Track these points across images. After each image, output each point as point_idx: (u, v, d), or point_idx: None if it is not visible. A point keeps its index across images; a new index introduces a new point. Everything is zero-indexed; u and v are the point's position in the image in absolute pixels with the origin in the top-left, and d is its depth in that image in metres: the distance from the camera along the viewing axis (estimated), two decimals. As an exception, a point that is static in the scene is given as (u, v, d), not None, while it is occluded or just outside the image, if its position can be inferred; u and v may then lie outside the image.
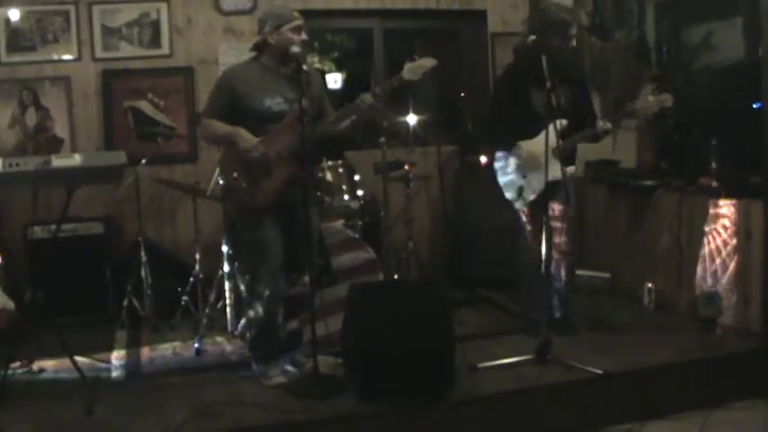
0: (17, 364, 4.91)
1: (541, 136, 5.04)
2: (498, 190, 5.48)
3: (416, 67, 4.63)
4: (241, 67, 4.82)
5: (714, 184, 5.58)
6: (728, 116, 5.56)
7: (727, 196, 5.39)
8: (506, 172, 5.45)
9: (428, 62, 4.65)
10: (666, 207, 5.93)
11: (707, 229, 5.52)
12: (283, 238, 4.71)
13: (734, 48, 6.37)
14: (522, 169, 5.33)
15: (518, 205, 5.39)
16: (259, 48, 4.78)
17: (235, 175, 4.66)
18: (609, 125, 5.14)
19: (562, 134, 5.00)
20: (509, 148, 5.39)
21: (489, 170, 5.60)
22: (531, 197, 5.29)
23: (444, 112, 7.28)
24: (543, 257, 5.00)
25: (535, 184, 5.23)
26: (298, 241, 4.72)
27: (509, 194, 5.43)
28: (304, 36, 4.70)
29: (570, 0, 6.99)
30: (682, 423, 4.49)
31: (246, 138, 4.59)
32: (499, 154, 5.50)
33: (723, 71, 6.27)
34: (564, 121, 5.08)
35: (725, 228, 5.38)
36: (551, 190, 5.08)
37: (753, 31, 6.16)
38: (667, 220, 5.90)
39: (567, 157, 5.10)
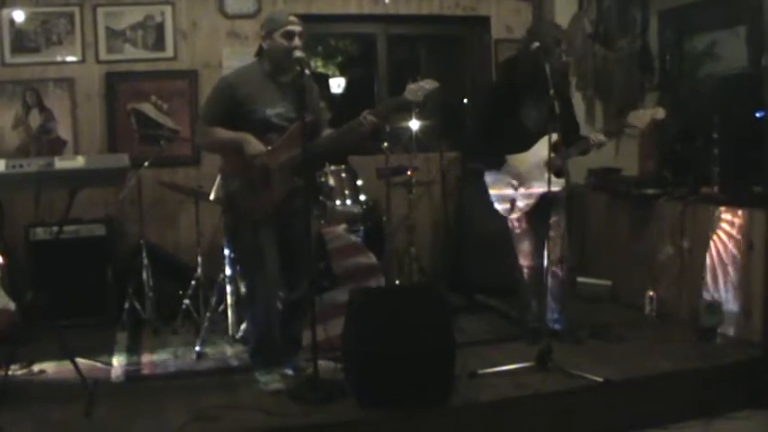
0: (17, 366, 4.92)
1: (532, 150, 5.23)
2: (490, 201, 5.53)
3: (418, 89, 4.61)
4: (241, 73, 4.78)
5: (716, 193, 5.58)
6: (731, 125, 5.55)
7: (730, 205, 5.39)
8: (497, 185, 5.49)
9: (430, 84, 4.63)
10: (669, 216, 5.92)
11: (708, 238, 5.52)
12: (279, 245, 4.71)
13: (737, 57, 6.37)
14: (513, 183, 5.38)
15: (512, 216, 5.42)
16: (259, 54, 4.77)
17: (237, 182, 4.65)
18: (602, 137, 5.20)
19: (554, 147, 5.07)
20: (500, 165, 5.42)
21: (482, 182, 5.62)
22: (522, 209, 5.36)
23: (447, 118, 7.29)
24: (544, 266, 5.03)
25: (528, 197, 5.32)
26: (294, 248, 4.72)
27: (501, 207, 5.47)
28: (297, 42, 4.60)
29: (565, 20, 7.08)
30: (682, 432, 4.51)
31: (254, 144, 4.56)
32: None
33: (726, 80, 6.27)
34: (556, 135, 5.10)
35: (727, 237, 5.38)
36: (546, 201, 5.18)
37: (756, 40, 6.17)
38: (669, 229, 5.89)
39: (560, 170, 5.17)
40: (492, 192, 5.52)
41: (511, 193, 5.40)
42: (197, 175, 6.74)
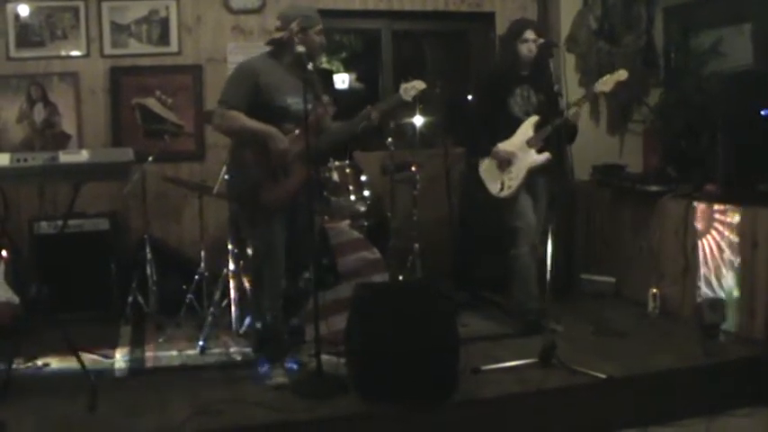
0: (21, 360, 4.93)
1: (515, 134, 5.60)
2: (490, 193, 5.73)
3: (410, 88, 4.89)
4: (261, 61, 4.77)
5: (721, 190, 5.57)
6: (736, 122, 5.54)
7: (734, 203, 5.38)
8: (488, 170, 5.72)
9: (419, 84, 4.92)
10: (673, 213, 5.92)
11: (712, 235, 5.52)
12: (287, 237, 4.72)
13: (742, 54, 6.36)
14: (502, 165, 5.63)
15: (502, 195, 5.63)
16: (279, 45, 4.75)
17: (258, 171, 4.64)
18: (575, 109, 5.46)
19: (537, 128, 5.56)
20: (487, 153, 5.68)
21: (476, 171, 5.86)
22: (513, 188, 5.58)
23: (451, 113, 7.28)
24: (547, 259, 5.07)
25: (515, 175, 5.58)
26: (299, 240, 4.74)
27: (492, 188, 5.68)
28: (324, 40, 4.77)
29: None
30: (684, 429, 4.48)
31: (281, 138, 4.57)
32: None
33: (731, 77, 6.26)
34: (536, 117, 5.58)
35: (730, 234, 5.37)
36: (534, 178, 5.61)
37: (762, 37, 6.16)
38: (673, 226, 5.89)
39: (542, 147, 5.54)
40: (484, 177, 5.74)
41: (500, 176, 5.64)
42: (201, 170, 6.76)
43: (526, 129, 5.59)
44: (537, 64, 5.47)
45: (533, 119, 5.58)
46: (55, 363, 5.07)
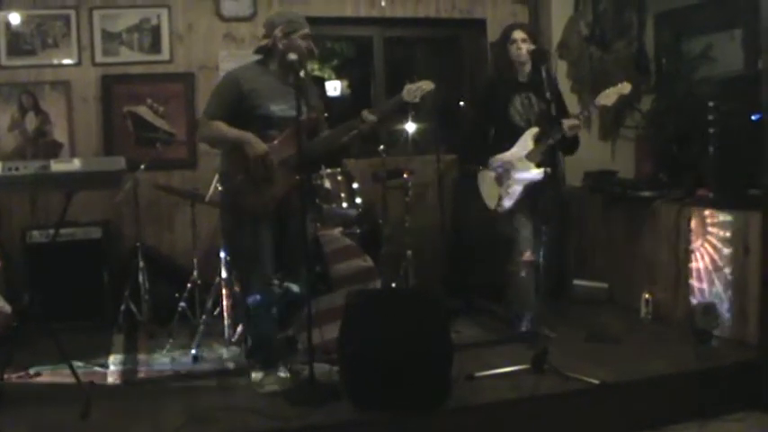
0: (13, 369, 4.92)
1: (515, 145, 5.47)
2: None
3: (416, 89, 4.78)
4: (246, 70, 4.78)
5: (712, 195, 5.58)
6: (727, 128, 5.56)
7: (726, 208, 5.39)
8: (486, 182, 5.65)
9: (427, 85, 4.80)
10: (665, 218, 5.93)
11: (704, 240, 5.53)
12: (276, 244, 4.72)
13: (733, 59, 6.38)
14: (500, 178, 5.54)
15: (500, 209, 5.54)
16: (265, 51, 4.76)
17: (240, 178, 4.64)
18: (574, 121, 5.32)
19: (536, 140, 5.41)
20: (485, 163, 5.60)
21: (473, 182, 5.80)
22: (509, 202, 5.49)
23: (444, 120, 7.30)
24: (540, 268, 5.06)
25: (513, 189, 5.48)
26: (291, 248, 4.73)
27: (490, 203, 5.60)
28: (311, 45, 4.75)
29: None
30: (677, 434, 4.51)
31: (256, 144, 4.57)
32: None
33: (722, 82, 6.28)
34: (536, 129, 5.43)
35: (723, 240, 5.38)
36: (532, 192, 5.42)
37: (752, 42, 6.18)
38: (665, 232, 5.90)
39: (542, 161, 5.37)
40: (481, 189, 5.67)
41: (497, 189, 5.55)
42: (193, 178, 6.75)
43: (526, 141, 5.46)
44: (534, 70, 5.42)
45: (533, 131, 5.45)
46: (47, 371, 5.06)
